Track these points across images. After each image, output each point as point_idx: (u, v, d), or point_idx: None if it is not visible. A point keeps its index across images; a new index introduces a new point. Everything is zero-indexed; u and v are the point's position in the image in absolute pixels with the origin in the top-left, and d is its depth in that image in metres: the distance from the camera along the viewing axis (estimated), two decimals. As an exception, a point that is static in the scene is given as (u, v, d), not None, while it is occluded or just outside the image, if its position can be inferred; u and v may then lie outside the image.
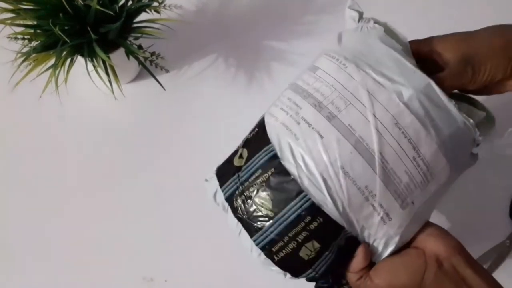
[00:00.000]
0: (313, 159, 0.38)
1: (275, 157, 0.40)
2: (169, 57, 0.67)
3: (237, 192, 0.41)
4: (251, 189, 0.40)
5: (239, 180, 0.42)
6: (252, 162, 0.41)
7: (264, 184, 0.40)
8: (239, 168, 0.42)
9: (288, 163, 0.39)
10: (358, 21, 0.45)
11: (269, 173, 0.40)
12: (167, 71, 0.66)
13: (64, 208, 0.63)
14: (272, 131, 0.41)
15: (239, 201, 0.41)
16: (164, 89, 0.64)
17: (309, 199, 0.39)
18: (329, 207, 0.39)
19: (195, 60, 0.71)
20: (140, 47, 0.64)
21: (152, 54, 0.64)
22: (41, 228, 0.62)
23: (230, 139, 0.65)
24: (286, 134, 0.40)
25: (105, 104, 0.67)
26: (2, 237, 0.62)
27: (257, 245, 0.40)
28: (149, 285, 0.59)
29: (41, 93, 0.59)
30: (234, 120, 0.67)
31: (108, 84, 0.60)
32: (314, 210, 0.39)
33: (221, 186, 0.43)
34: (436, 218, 0.53)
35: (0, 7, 0.57)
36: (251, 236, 0.41)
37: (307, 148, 0.39)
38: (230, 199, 0.42)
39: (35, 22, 0.58)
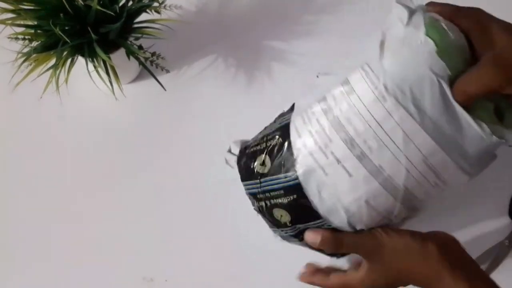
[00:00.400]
0: (338, 195, 0.39)
1: (299, 185, 0.40)
2: (169, 57, 0.67)
3: (258, 196, 0.43)
4: (272, 201, 0.42)
5: (260, 187, 0.43)
6: (275, 178, 0.41)
7: (285, 203, 0.41)
8: (260, 175, 0.43)
9: (312, 194, 0.40)
10: (407, 23, 0.37)
11: (291, 197, 0.41)
12: (167, 71, 0.66)
13: (64, 208, 0.63)
14: (298, 158, 0.40)
15: (260, 203, 0.43)
16: (165, 89, 0.64)
17: (328, 224, 0.41)
18: (345, 229, 0.41)
19: (195, 60, 0.71)
20: (140, 47, 0.64)
21: (153, 54, 0.64)
22: (41, 228, 0.62)
23: (230, 139, 0.65)
24: (313, 167, 0.39)
25: (105, 104, 0.67)
26: (2, 237, 0.62)
27: (273, 232, 0.46)
28: (149, 285, 0.59)
29: (42, 93, 0.59)
30: (234, 120, 0.67)
31: (108, 84, 0.60)
32: (331, 229, 0.42)
33: (242, 180, 0.45)
34: (436, 217, 0.53)
35: (0, 7, 0.57)
36: (270, 227, 0.46)
37: (333, 184, 0.39)
38: (251, 197, 0.45)
39: (36, 23, 0.58)
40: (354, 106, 0.37)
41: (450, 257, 0.39)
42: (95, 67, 0.59)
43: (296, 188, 0.40)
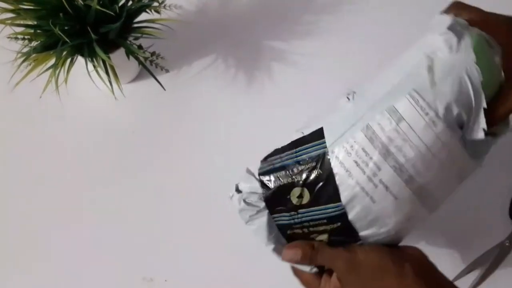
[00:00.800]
0: (383, 218, 0.39)
1: (345, 214, 0.40)
2: (169, 57, 0.67)
3: (293, 226, 0.43)
4: (310, 229, 0.42)
5: (297, 217, 0.43)
6: (315, 209, 0.41)
7: (327, 230, 0.42)
8: (297, 206, 0.42)
9: (357, 220, 0.40)
10: (456, 49, 0.38)
11: (335, 225, 0.41)
12: (167, 71, 0.66)
13: (64, 208, 0.63)
14: (343, 188, 0.40)
15: (296, 231, 0.43)
16: (164, 89, 0.64)
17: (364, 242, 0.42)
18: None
19: (195, 60, 0.71)
20: (140, 47, 0.64)
21: (152, 54, 0.64)
22: (41, 228, 0.62)
23: (230, 139, 0.65)
24: (361, 196, 0.39)
25: (105, 104, 0.67)
26: (2, 237, 0.62)
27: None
28: (149, 285, 0.59)
29: (41, 93, 0.59)
30: (234, 120, 0.67)
31: (108, 84, 0.60)
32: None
33: (272, 213, 0.44)
34: (436, 217, 0.52)
35: (0, 7, 0.57)
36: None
37: (379, 209, 0.39)
38: (284, 227, 0.44)
39: (35, 22, 0.58)
40: (405, 133, 0.38)
41: (426, 278, 0.39)
42: (94, 67, 0.59)
43: (341, 217, 0.40)
